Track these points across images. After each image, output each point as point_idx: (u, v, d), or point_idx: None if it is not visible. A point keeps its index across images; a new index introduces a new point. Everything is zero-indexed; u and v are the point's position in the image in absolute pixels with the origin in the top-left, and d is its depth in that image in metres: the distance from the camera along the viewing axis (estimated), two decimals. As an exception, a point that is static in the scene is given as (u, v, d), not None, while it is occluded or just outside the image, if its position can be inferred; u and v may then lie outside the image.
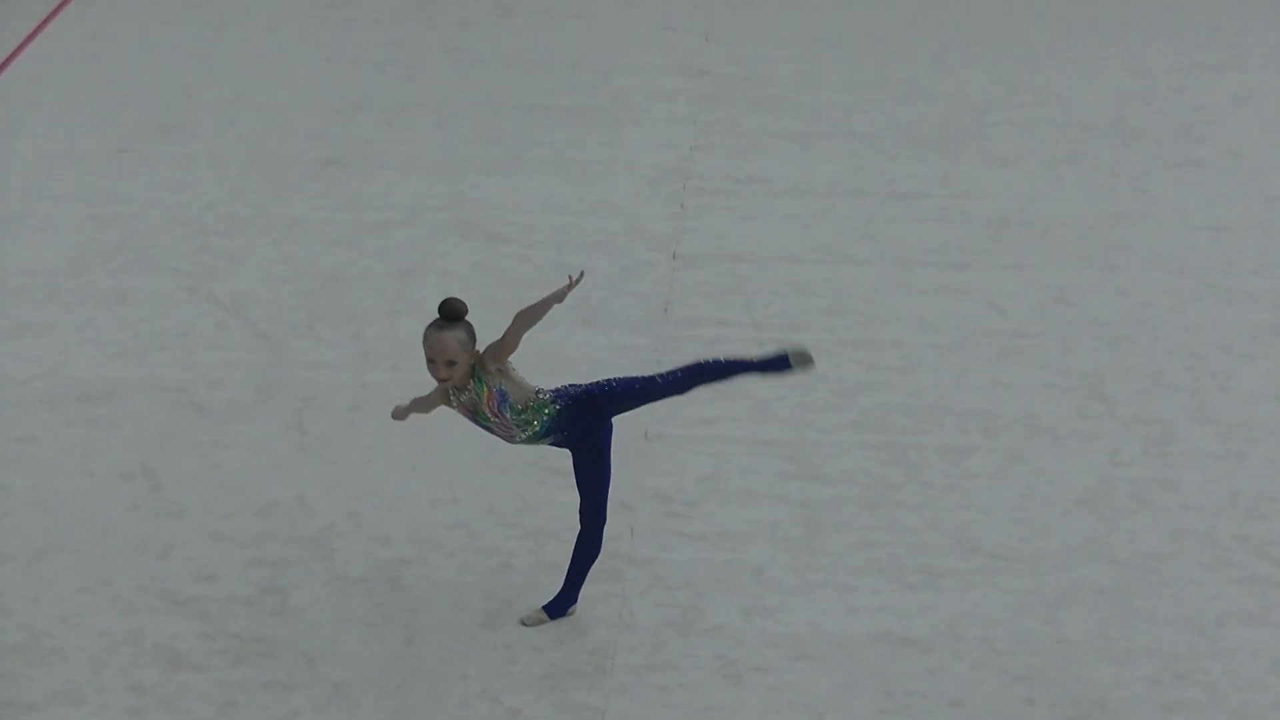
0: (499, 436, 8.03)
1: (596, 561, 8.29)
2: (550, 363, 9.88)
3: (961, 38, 14.89)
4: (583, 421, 7.99)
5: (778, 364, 8.18)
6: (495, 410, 7.91)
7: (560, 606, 8.29)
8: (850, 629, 8.27)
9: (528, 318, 7.87)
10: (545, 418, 7.94)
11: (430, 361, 7.86)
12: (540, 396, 7.94)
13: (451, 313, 7.80)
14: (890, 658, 8.10)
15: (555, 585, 8.37)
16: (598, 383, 8.05)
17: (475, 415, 7.96)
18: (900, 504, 9.15)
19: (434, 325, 7.83)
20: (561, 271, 11.20)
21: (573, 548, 8.27)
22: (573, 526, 8.30)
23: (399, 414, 8.23)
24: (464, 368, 7.85)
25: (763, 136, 13.14)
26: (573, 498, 8.26)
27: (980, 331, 10.68)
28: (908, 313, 10.87)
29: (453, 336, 7.81)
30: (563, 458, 8.45)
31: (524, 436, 7.99)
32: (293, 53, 14.52)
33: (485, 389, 7.90)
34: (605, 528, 8.21)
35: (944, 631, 8.25)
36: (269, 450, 9.55)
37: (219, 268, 11.33)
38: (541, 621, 8.26)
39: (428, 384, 10.10)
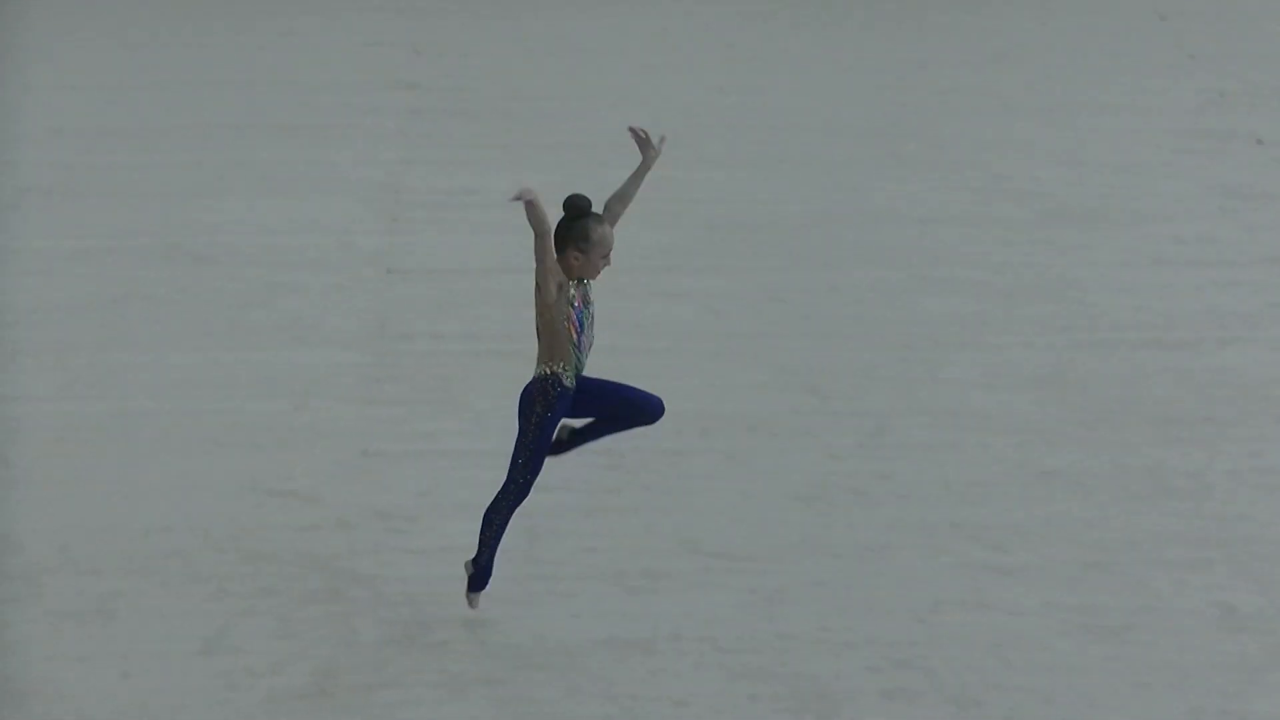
0: (578, 337, 7.94)
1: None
2: (267, 386, 9.75)
3: (667, 43, 14.99)
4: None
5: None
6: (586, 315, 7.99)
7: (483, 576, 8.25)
8: (573, 636, 8.24)
9: (622, 203, 7.89)
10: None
11: (605, 257, 7.84)
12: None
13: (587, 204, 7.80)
14: (614, 662, 8.09)
15: (275, 609, 8.24)
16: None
17: (584, 306, 7.92)
18: (619, 508, 9.15)
19: (594, 220, 7.76)
20: (274, 290, 11.08)
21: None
22: (292, 548, 8.18)
23: (529, 194, 7.59)
24: None
25: (473, 149, 13.10)
26: (288, 518, 8.13)
27: (694, 334, 10.74)
28: (621, 318, 10.86)
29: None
30: (281, 476, 8.34)
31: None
32: (-12, 80, 14.17)
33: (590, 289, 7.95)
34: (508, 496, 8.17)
35: (666, 633, 8.26)
36: (-28, 487, 9.29)
37: (-85, 302, 11.01)
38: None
39: (150, 412, 9.93)
